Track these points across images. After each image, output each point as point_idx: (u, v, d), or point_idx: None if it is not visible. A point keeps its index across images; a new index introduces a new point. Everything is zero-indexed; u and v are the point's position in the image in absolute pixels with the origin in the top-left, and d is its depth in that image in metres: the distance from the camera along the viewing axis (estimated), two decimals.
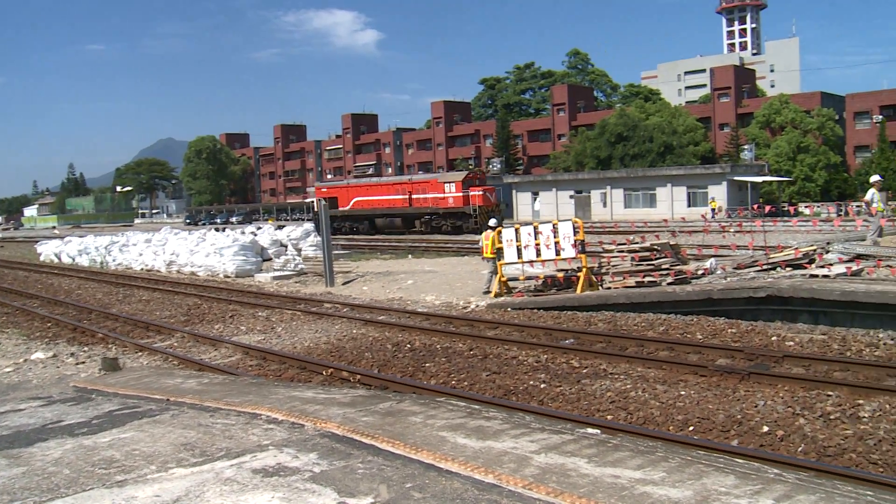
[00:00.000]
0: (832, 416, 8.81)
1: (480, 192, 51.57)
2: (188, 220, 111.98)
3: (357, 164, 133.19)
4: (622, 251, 18.04)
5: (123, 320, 18.89)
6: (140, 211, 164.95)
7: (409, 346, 13.97)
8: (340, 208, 57.90)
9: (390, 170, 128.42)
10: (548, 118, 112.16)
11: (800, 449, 7.91)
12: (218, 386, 9.50)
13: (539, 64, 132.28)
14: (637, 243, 18.54)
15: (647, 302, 15.84)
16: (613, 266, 17.79)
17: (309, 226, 38.80)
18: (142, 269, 33.86)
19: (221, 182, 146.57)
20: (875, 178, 23.87)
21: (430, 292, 20.56)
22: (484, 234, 19.84)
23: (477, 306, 17.93)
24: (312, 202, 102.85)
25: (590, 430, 6.99)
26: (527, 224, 18.98)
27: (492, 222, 20.51)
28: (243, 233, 35.37)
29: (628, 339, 13.18)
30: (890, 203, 48.61)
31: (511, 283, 19.18)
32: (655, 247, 17.97)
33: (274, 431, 6.79)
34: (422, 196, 54.08)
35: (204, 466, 5.83)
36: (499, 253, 18.69)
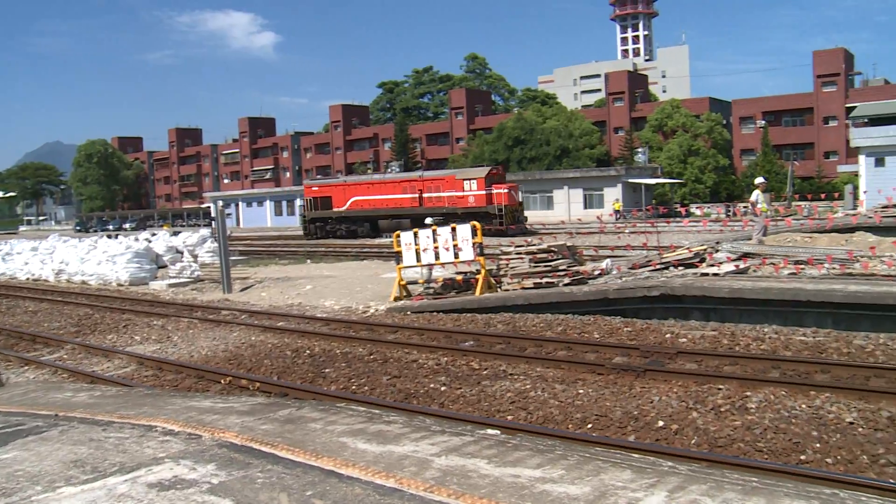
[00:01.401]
0: (723, 409, 9.12)
1: (506, 190, 47.37)
2: (78, 227, 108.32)
3: (254, 169, 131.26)
4: (520, 253, 18.26)
5: (7, 333, 18.11)
6: (26, 218, 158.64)
7: (308, 351, 13.83)
8: (335, 209, 53.45)
9: (288, 174, 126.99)
10: (446, 122, 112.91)
11: (693, 441, 8.16)
12: (111, 398, 9.21)
13: (437, 68, 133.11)
14: (535, 245, 18.80)
15: (546, 303, 16.09)
16: (512, 268, 18.00)
17: (205, 232, 37.93)
18: (28, 279, 32.56)
19: (114, 187, 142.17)
20: (759, 180, 24.88)
21: (329, 297, 20.41)
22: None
23: (377, 310, 17.89)
24: (210, 207, 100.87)
25: (490, 431, 7.05)
26: (426, 227, 19.02)
27: (428, 220, 20.55)
28: (137, 239, 34.36)
29: (527, 340, 13.36)
30: (773, 204, 50.64)
31: (410, 287, 19.20)
32: (553, 248, 18.26)
33: (170, 443, 6.61)
34: (435, 195, 49.31)
35: (95, 483, 5.63)
36: (397, 257, 18.68)
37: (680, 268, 17.71)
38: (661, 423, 8.69)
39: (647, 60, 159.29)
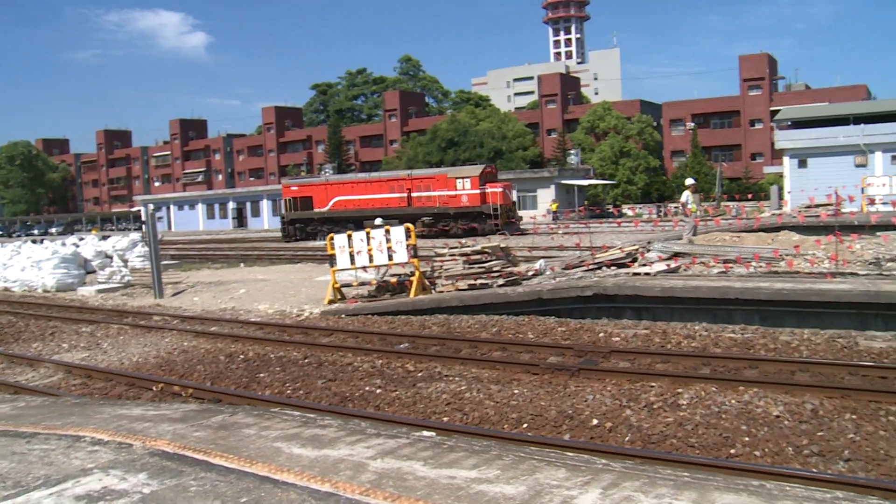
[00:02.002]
0: (655, 406, 9.27)
1: (500, 189, 46.09)
2: (0, 232, 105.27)
3: (186, 171, 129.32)
4: (454, 254, 18.31)
5: None
6: None
7: (242, 356, 13.67)
8: (317, 209, 51.07)
9: (220, 177, 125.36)
10: (380, 124, 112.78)
11: (627, 439, 8.27)
12: (36, 409, 8.96)
13: (371, 70, 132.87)
14: (469, 246, 18.88)
15: (480, 304, 16.17)
16: (446, 269, 18.04)
17: (136, 236, 37.16)
18: None
19: (38, 191, 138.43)
20: (689, 181, 25.48)
21: (263, 301, 20.20)
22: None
23: (311, 314, 17.77)
24: (140, 210, 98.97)
25: (425, 433, 7.06)
26: (359, 230, 18.96)
27: (378, 221, 20.48)
28: (64, 244, 33.52)
29: (462, 342, 13.40)
30: (703, 204, 51.76)
31: (345, 290, 19.12)
32: (487, 249, 18.35)
33: (99, 453, 6.46)
34: (425, 194, 47.80)
35: (18, 499, 5.45)
36: (331, 259, 18.57)
37: (612, 268, 17.96)
38: (595, 422, 8.79)
39: (579, 63, 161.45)
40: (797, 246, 19.15)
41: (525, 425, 8.90)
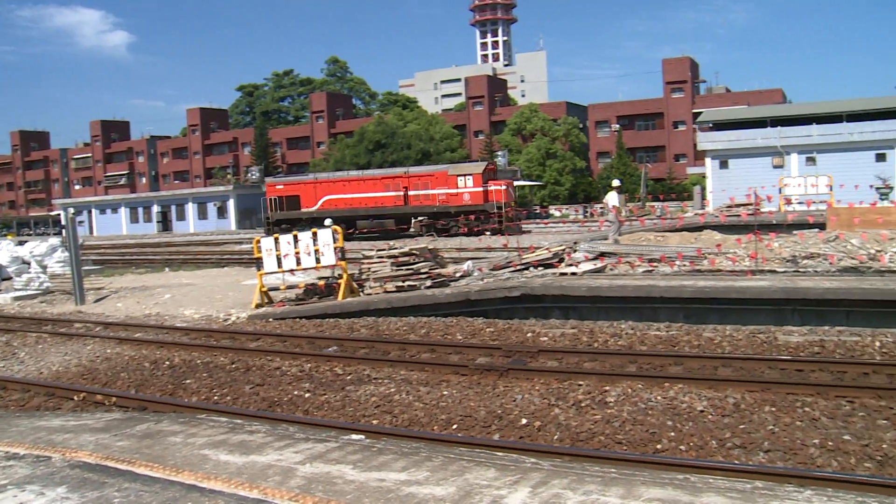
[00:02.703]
0: (583, 404, 9.38)
1: (503, 187, 44.25)
2: None
3: (108, 174, 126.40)
4: (382, 256, 18.27)
5: None
6: None
7: (168, 363, 13.40)
8: (304, 209, 48.48)
9: (144, 180, 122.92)
10: (307, 126, 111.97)
11: (555, 437, 8.35)
12: None
13: (298, 71, 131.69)
14: (396, 248, 18.86)
15: (408, 306, 16.17)
16: (374, 272, 17.99)
17: (55, 240, 36.12)
18: None
19: None
20: (616, 182, 25.93)
21: (189, 306, 19.85)
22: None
23: (238, 318, 17.53)
24: (59, 214, 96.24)
25: (354, 437, 7.03)
26: (287, 233, 18.78)
27: (327, 222, 20.27)
28: None
29: (391, 344, 13.37)
30: (628, 205, 52.67)
31: (272, 293, 18.91)
32: (414, 251, 18.36)
33: (14, 468, 6.25)
34: (423, 192, 45.62)
35: None
36: (258, 263, 18.35)
37: (540, 268, 18.14)
38: (524, 421, 8.86)
39: (506, 65, 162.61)
40: (719, 245, 19.62)
41: (454, 426, 8.92)
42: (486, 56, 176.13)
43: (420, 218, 44.91)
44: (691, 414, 8.81)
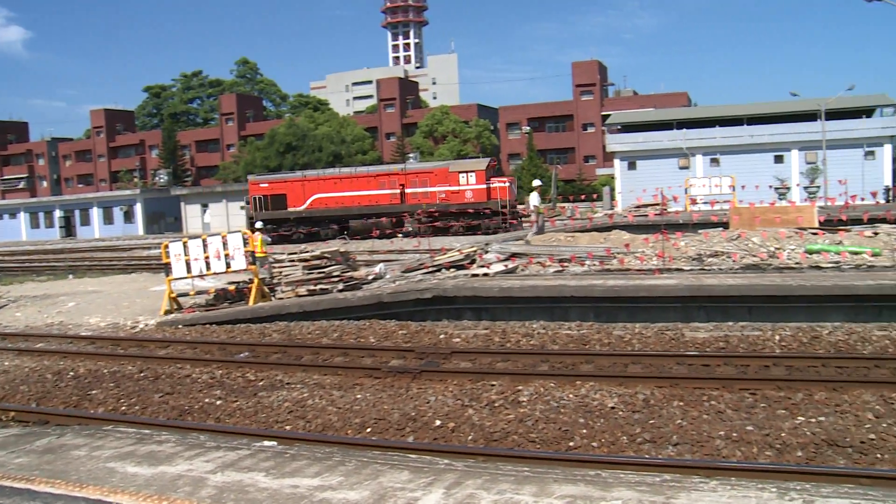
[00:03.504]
0: (497, 404, 9.45)
1: (507, 184, 42.55)
2: None
3: (4, 178, 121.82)
4: (293, 260, 18.08)
5: None
6: None
7: (72, 373, 12.97)
8: (291, 208, 45.95)
9: (45, 184, 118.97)
10: (216, 128, 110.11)
11: (469, 438, 8.39)
12: None
13: (207, 72, 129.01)
14: (308, 252, 18.70)
15: (321, 309, 16.04)
16: (286, 276, 17.80)
17: None
18: None
19: None
20: (536, 182, 26.36)
21: (94, 314, 19.26)
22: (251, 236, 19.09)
23: (146, 326, 17.10)
24: None
25: (267, 443, 6.93)
26: (196, 237, 18.42)
27: (258, 224, 19.84)
28: None
29: (303, 348, 13.24)
30: (543, 205, 53.26)
31: (181, 300, 18.52)
32: (326, 254, 18.23)
33: None
34: (421, 190, 43.47)
35: None
36: (167, 268, 17.93)
37: (452, 269, 18.21)
38: (438, 423, 8.87)
39: (417, 68, 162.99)
40: (627, 244, 20.02)
41: (368, 430, 8.87)
42: (397, 58, 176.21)
43: (417, 215, 42.98)
44: (603, 411, 8.96)
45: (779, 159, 55.93)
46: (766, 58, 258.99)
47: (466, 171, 43.05)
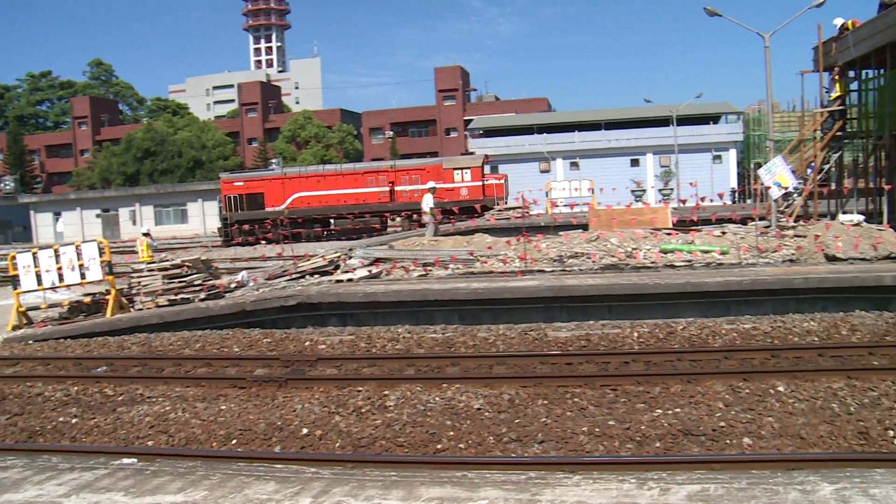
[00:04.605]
0: (364, 410, 9.43)
1: (501, 182, 42.11)
2: None
3: None
4: (152, 269, 17.51)
5: None
6: None
7: None
8: (270, 208, 43.59)
9: None
10: (69, 132, 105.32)
11: (337, 445, 8.33)
12: None
13: (57, 73, 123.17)
14: (167, 261, 18.16)
15: (182, 320, 15.60)
16: (145, 286, 17.20)
17: None
18: None
19: None
20: (431, 184, 26.51)
21: None
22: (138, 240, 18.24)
23: None
24: None
25: (126, 461, 6.69)
26: (47, 247, 17.58)
27: (143, 229, 19.04)
28: None
29: (165, 360, 12.84)
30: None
31: (32, 313, 17.62)
32: (186, 262, 17.76)
33: None
34: (412, 187, 41.97)
35: None
36: (14, 281, 17.02)
37: (316, 276, 18.07)
38: (305, 431, 8.77)
39: (280, 72, 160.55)
40: (490, 247, 20.32)
41: (234, 441, 8.69)
42: (259, 62, 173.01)
43: (405, 213, 41.57)
44: (469, 412, 9.07)
45: (635, 163, 58.25)
46: (621, 65, 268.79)
47: (461, 168, 42.56)
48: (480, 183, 41.93)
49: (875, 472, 6.05)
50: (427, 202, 25.50)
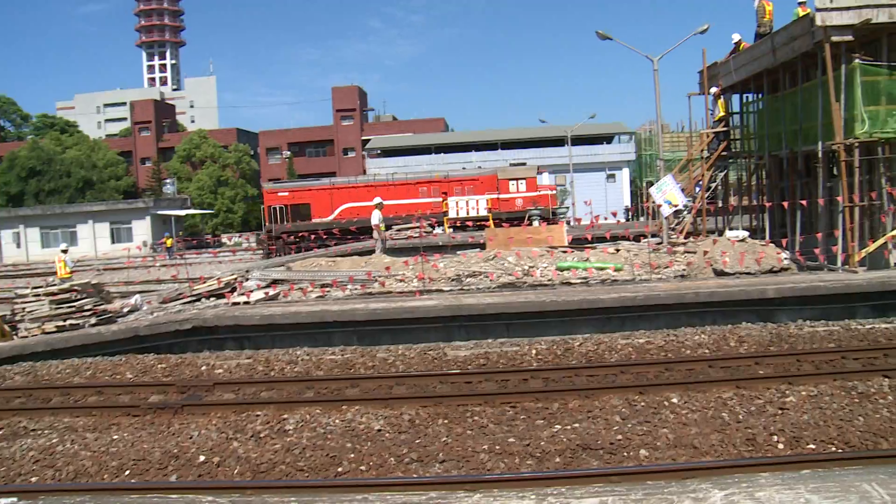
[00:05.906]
0: (262, 434, 9.27)
1: (552, 192, 42.11)
2: None
3: None
4: (38, 294, 16.82)
5: None
6: None
7: None
8: (317, 219, 42.07)
9: None
10: None
11: (236, 471, 8.16)
12: None
13: None
14: (55, 285, 17.50)
15: (71, 346, 15.04)
16: (30, 312, 16.51)
17: None
18: None
19: None
20: (378, 200, 26.32)
21: None
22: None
23: None
24: None
25: (3, 501, 6.38)
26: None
27: (62, 246, 18.10)
28: None
29: (52, 390, 12.32)
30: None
31: None
32: (76, 286, 17.15)
33: None
34: (466, 198, 42.10)
35: None
36: None
37: (212, 298, 17.72)
38: (202, 458, 8.57)
39: (174, 90, 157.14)
40: (388, 267, 20.29)
41: (127, 472, 8.41)
42: (153, 79, 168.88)
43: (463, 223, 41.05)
44: (369, 434, 9.02)
45: None
46: (517, 87, 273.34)
47: (517, 179, 42.67)
48: (535, 194, 42.34)
49: (760, 477, 6.31)
50: (375, 218, 25.31)
